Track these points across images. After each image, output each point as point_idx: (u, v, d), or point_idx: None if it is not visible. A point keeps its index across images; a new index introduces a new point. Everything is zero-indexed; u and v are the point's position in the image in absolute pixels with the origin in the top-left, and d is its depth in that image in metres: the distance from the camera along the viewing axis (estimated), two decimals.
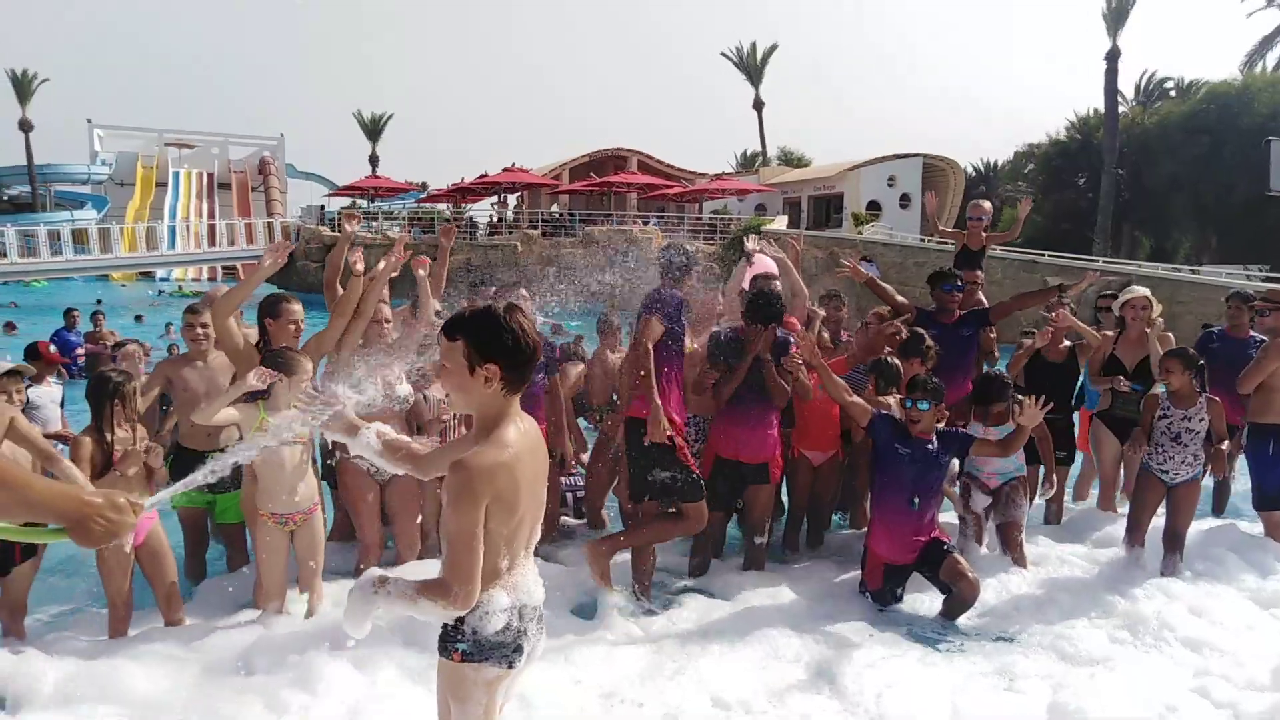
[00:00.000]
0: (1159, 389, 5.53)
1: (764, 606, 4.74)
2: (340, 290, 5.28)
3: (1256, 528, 6.02)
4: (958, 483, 5.60)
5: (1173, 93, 41.15)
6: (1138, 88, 41.61)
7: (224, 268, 37.16)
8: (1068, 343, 6.33)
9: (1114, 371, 6.17)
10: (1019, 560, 5.34)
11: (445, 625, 2.23)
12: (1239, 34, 78.94)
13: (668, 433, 4.48)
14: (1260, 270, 25.47)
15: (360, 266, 4.93)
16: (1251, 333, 6.30)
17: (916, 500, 4.73)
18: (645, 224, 32.44)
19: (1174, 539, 5.37)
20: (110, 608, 4.26)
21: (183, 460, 4.75)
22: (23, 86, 48.88)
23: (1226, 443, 5.47)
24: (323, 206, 38.05)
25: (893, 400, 5.11)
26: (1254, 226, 31.69)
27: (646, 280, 4.96)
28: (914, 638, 4.53)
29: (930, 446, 4.77)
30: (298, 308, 4.81)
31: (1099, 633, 4.51)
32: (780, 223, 33.21)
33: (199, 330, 5.00)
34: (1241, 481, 6.63)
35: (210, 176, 47.71)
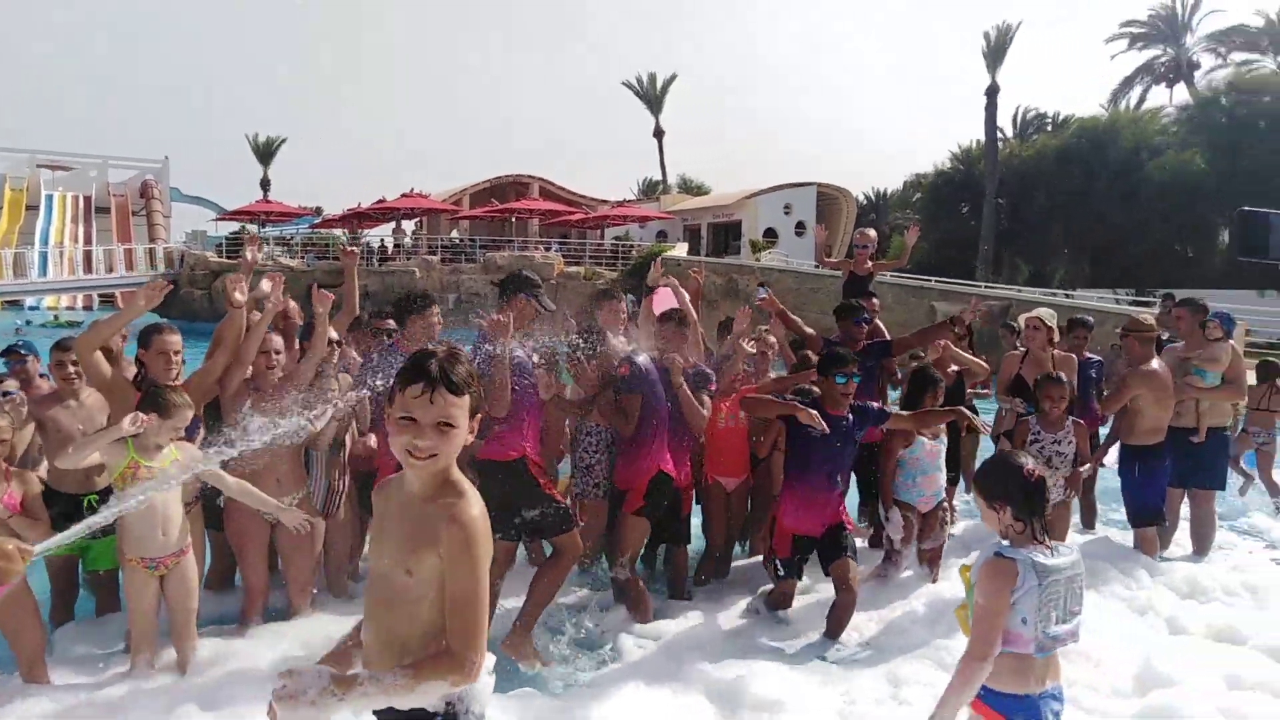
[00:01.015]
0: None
1: (678, 640, 4.78)
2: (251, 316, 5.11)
3: (1127, 538, 6.36)
4: (889, 514, 5.52)
5: (1048, 127, 43.67)
6: (1014, 121, 44.00)
7: (101, 296, 35.29)
8: (955, 367, 6.54)
9: (1021, 391, 6.39)
10: (935, 579, 5.47)
11: (426, 710, 1.97)
12: (1105, 73, 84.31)
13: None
14: (1128, 294, 27.15)
15: (240, 297, 4.73)
16: (1088, 354, 6.67)
17: (833, 475, 4.82)
18: (548, 250, 32.40)
19: None
20: None
21: (56, 505, 4.44)
22: None
23: (1087, 465, 5.74)
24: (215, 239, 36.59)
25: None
26: (1122, 254, 33.74)
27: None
28: (812, 656, 4.60)
29: (845, 422, 4.85)
30: (173, 338, 4.56)
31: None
32: (681, 249, 33.65)
33: (70, 368, 4.72)
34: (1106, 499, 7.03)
35: (88, 199, 45.26)
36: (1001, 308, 19.43)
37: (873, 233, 7.68)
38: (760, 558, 5.43)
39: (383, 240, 34.01)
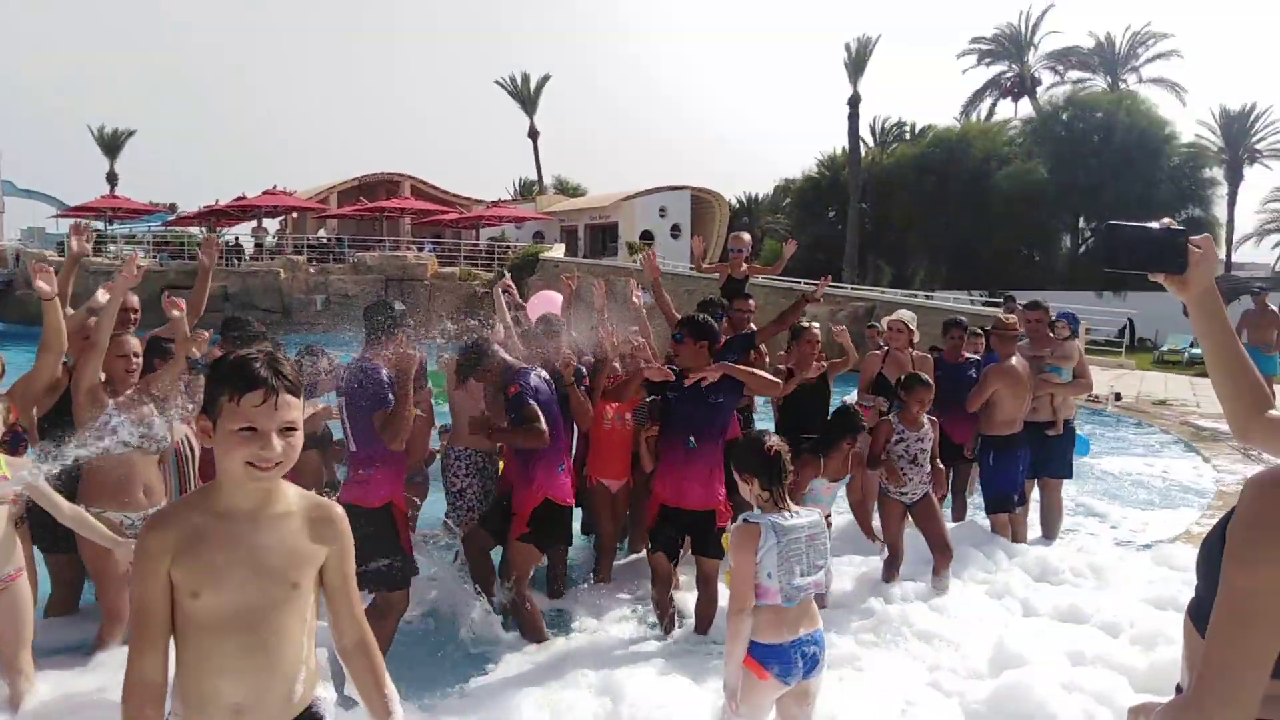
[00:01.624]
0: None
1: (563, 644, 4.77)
2: (88, 323, 4.74)
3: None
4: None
5: (906, 136, 45.82)
6: (874, 131, 45.96)
7: None
8: (819, 364, 6.74)
9: (882, 391, 6.66)
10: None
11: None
12: (957, 86, 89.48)
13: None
14: (981, 295, 28.80)
15: (45, 286, 4.29)
16: (966, 355, 7.02)
17: (691, 439, 4.77)
18: (421, 250, 31.70)
19: (940, 548, 5.63)
20: None
21: None
22: None
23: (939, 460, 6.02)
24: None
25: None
26: (975, 257, 35.76)
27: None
28: (687, 653, 4.66)
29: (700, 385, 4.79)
30: None
31: (849, 637, 4.84)
32: (558, 250, 33.57)
33: None
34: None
35: None
36: (867, 309, 20.28)
37: (747, 236, 7.91)
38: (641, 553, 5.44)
39: (238, 239, 32.42)
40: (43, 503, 3.82)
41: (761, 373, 5.16)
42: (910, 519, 5.77)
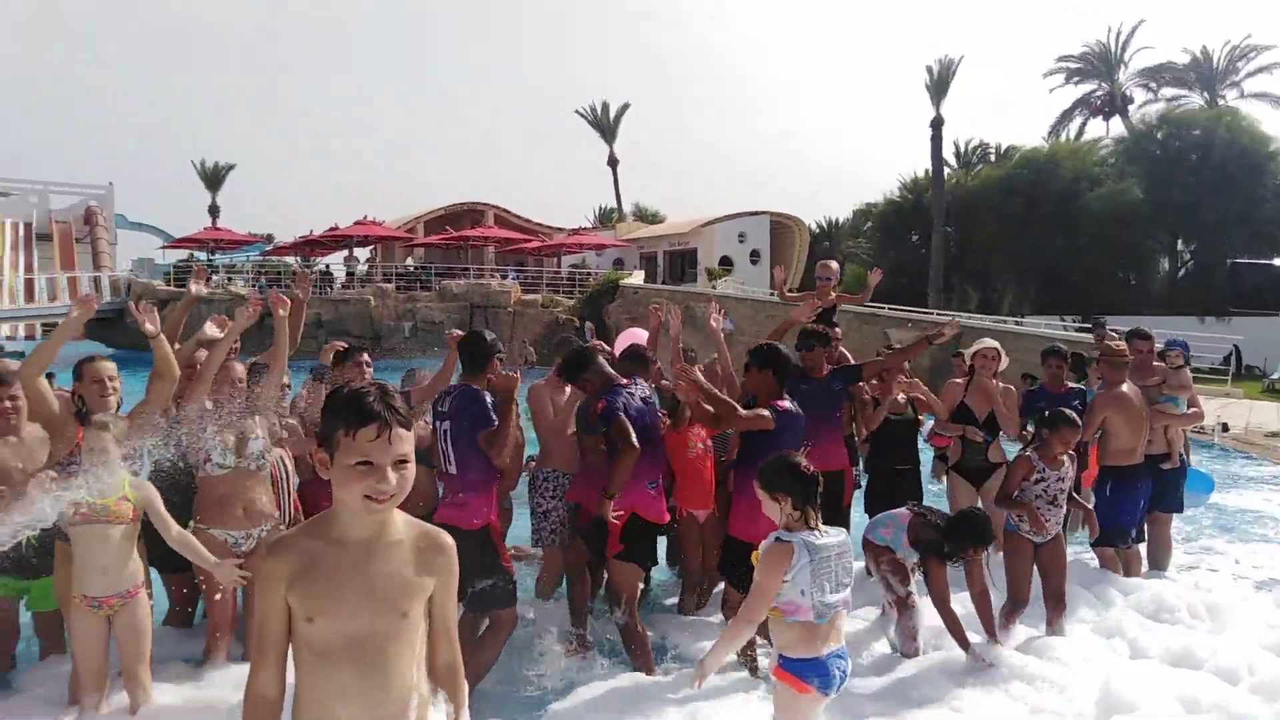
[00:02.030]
0: (1014, 447, 5.76)
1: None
2: (196, 355, 5.02)
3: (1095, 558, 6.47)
4: (881, 563, 5.19)
5: (991, 157, 44.85)
6: (957, 152, 45.12)
7: (43, 325, 34.28)
8: (901, 398, 6.58)
9: (964, 420, 6.46)
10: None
11: None
12: (1044, 105, 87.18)
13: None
14: (1074, 320, 27.86)
15: (150, 328, 4.48)
16: (1069, 385, 6.75)
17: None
18: (504, 278, 32.32)
19: (1057, 599, 5.26)
20: None
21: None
22: None
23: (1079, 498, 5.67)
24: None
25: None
26: (1066, 280, 34.69)
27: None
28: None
29: (791, 412, 4.72)
30: (105, 365, 4.49)
31: (946, 675, 4.70)
32: (637, 277, 33.82)
33: (7, 403, 4.50)
34: None
35: (28, 227, 44.11)
36: (953, 335, 19.83)
37: (835, 265, 7.80)
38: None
39: (327, 267, 33.57)
40: (156, 522, 4.03)
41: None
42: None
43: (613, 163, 52.60)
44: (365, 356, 5.66)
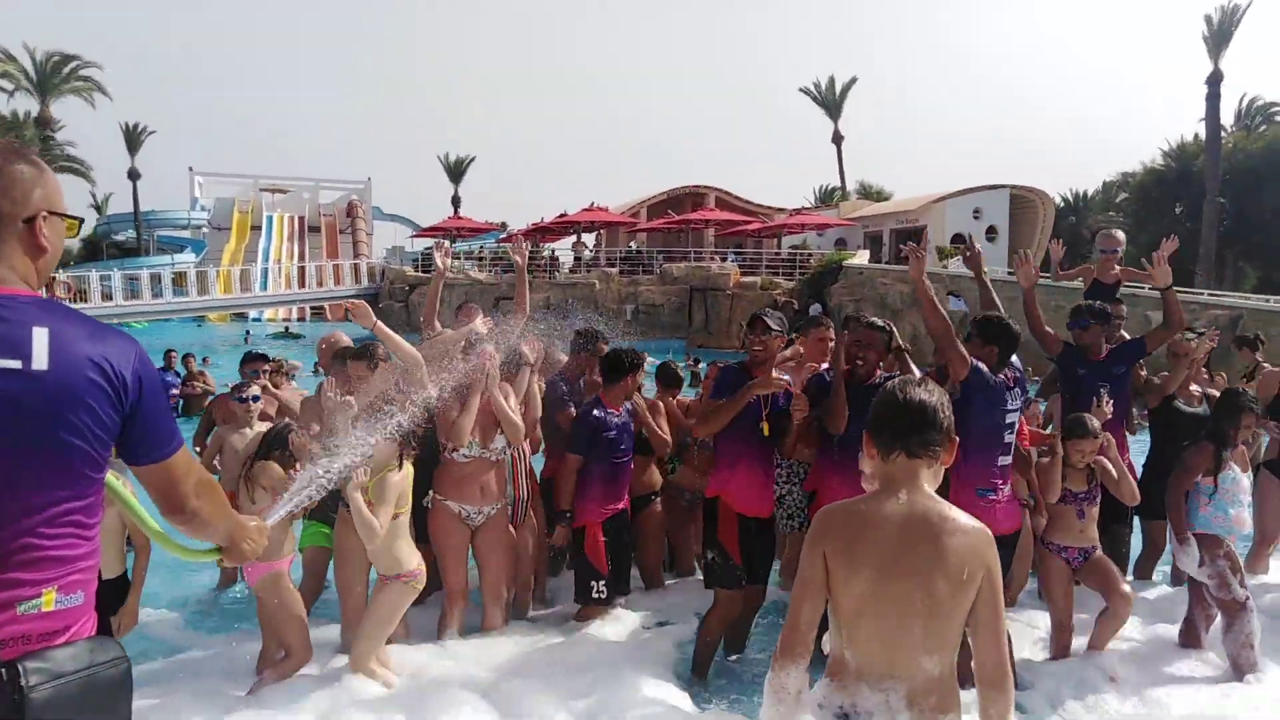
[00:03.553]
0: None
1: None
2: (438, 326, 5.55)
3: None
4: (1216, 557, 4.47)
5: (1276, 118, 39.26)
6: (1236, 113, 39.85)
7: (312, 308, 38.29)
8: (1196, 388, 5.80)
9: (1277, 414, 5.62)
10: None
11: None
12: None
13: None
14: None
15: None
16: None
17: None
18: (724, 260, 32.23)
19: None
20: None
21: None
22: (133, 139, 51.74)
23: None
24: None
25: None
26: None
27: None
28: None
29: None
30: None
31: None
32: (862, 257, 32.61)
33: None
34: None
35: (301, 220, 49.44)
36: (1231, 319, 17.50)
37: (1121, 235, 6.69)
38: None
39: (554, 252, 34.95)
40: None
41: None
42: None
43: (837, 140, 51.07)
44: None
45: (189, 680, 4.29)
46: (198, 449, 5.89)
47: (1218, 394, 5.50)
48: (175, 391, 13.70)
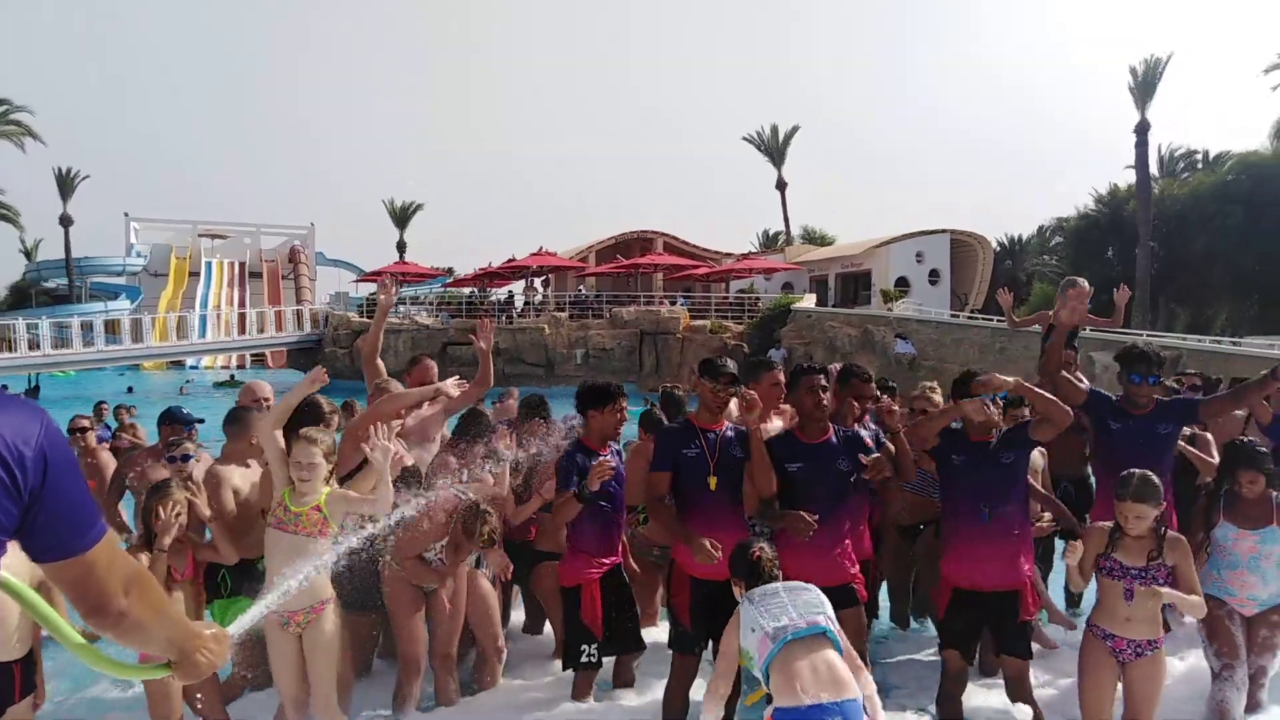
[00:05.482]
0: None
1: None
2: (381, 367, 5.41)
3: None
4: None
5: (1198, 165, 40.93)
6: (1161, 160, 41.43)
7: (253, 355, 37.31)
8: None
9: None
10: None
11: None
12: (1261, 106, 79.23)
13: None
14: None
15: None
16: None
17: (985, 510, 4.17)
18: (673, 304, 32.29)
19: None
20: None
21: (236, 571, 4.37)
22: (65, 183, 50.39)
23: None
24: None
25: None
26: None
27: None
28: None
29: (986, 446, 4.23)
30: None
31: None
32: (809, 301, 32.95)
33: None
34: None
35: (242, 265, 48.49)
36: (1172, 360, 17.90)
37: (1085, 284, 6.59)
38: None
39: (511, 294, 34.63)
40: (363, 508, 3.90)
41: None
42: None
43: (781, 186, 51.87)
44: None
45: None
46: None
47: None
48: (105, 445, 13.02)
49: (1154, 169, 39.69)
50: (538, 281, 33.87)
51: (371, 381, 5.42)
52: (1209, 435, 5.55)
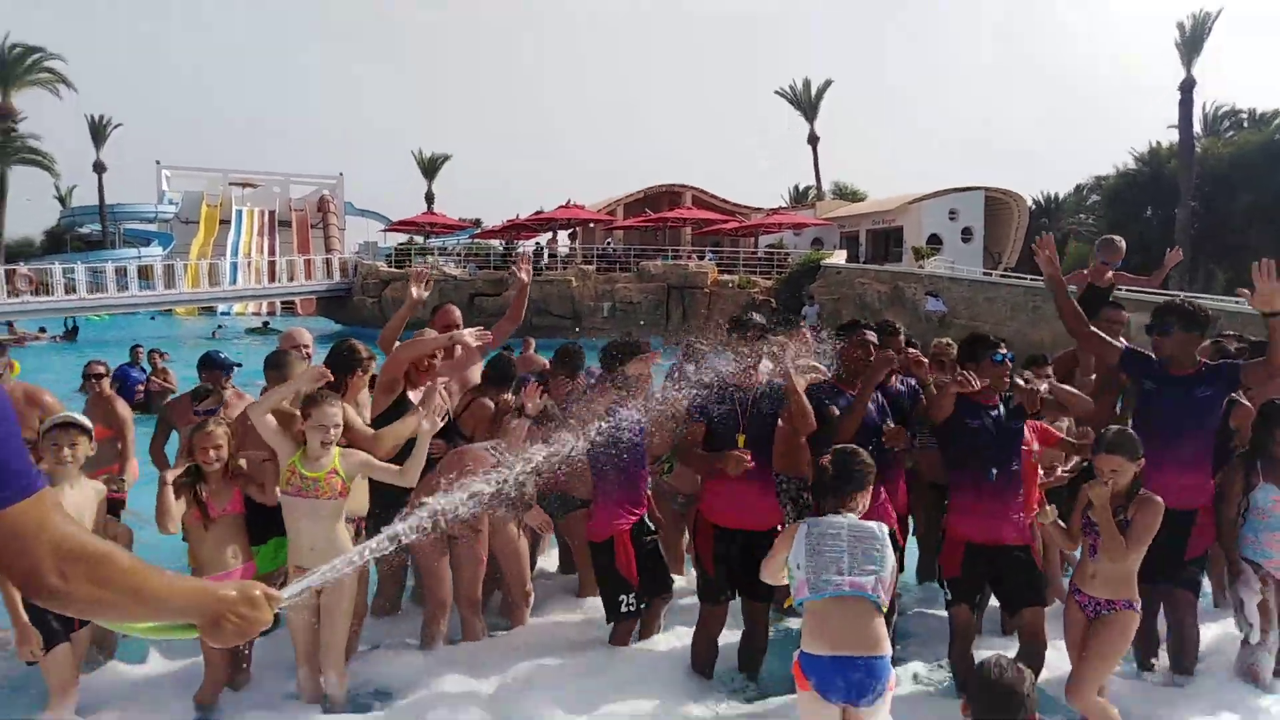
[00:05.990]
0: None
1: None
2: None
3: None
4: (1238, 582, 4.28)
5: (1243, 124, 39.78)
6: (1205, 119, 40.31)
7: (283, 302, 37.66)
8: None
9: None
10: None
11: None
12: None
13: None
14: None
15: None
16: None
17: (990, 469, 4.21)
18: (701, 259, 32.07)
19: None
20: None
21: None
22: (99, 131, 50.71)
23: None
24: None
25: None
26: None
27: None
28: None
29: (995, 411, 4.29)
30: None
31: None
32: (838, 257, 32.59)
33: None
34: None
35: (272, 214, 48.70)
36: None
37: (1121, 243, 6.35)
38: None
39: (539, 245, 34.51)
40: (384, 477, 4.03)
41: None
42: None
43: (813, 140, 51.09)
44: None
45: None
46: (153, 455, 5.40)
47: None
48: (140, 387, 13.27)
49: (1197, 127, 38.67)
50: (561, 234, 33.66)
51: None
52: (1247, 404, 5.22)
